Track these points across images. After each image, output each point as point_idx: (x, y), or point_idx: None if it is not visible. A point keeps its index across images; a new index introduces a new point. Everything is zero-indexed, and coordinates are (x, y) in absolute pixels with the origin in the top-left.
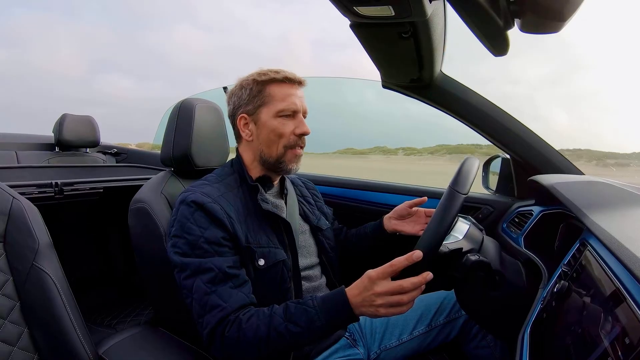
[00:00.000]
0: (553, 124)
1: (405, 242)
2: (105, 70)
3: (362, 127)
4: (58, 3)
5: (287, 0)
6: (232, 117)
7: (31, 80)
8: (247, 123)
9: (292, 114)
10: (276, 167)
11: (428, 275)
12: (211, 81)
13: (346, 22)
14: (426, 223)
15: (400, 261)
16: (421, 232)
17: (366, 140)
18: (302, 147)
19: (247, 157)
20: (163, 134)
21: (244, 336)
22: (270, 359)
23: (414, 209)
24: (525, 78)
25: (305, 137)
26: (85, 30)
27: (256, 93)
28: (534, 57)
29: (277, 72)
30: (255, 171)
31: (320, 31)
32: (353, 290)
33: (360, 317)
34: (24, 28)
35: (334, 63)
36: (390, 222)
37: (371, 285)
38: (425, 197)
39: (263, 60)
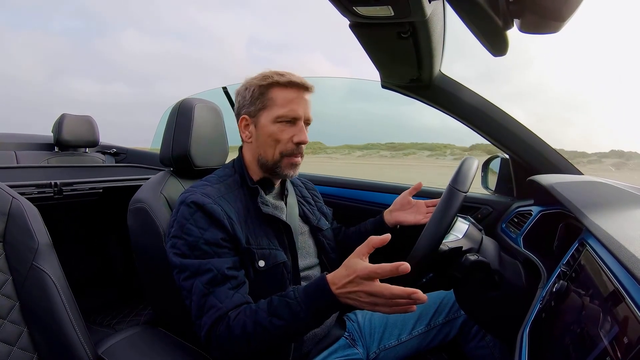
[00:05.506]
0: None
1: (406, 237)
2: (67, 75)
3: None
4: (15, 13)
5: (243, 7)
6: (237, 117)
7: None
8: (247, 124)
9: (292, 121)
10: (272, 172)
11: (414, 292)
12: (166, 81)
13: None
14: (427, 213)
15: (384, 269)
16: (423, 221)
17: None
18: (300, 156)
19: (248, 158)
20: (161, 138)
21: (232, 334)
22: (266, 352)
23: (414, 200)
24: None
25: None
26: (44, 38)
27: (258, 95)
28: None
29: (281, 75)
30: (255, 173)
31: (270, 35)
32: (337, 280)
33: (360, 317)
34: None
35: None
36: (391, 214)
37: (358, 282)
38: (421, 182)
39: (214, 62)
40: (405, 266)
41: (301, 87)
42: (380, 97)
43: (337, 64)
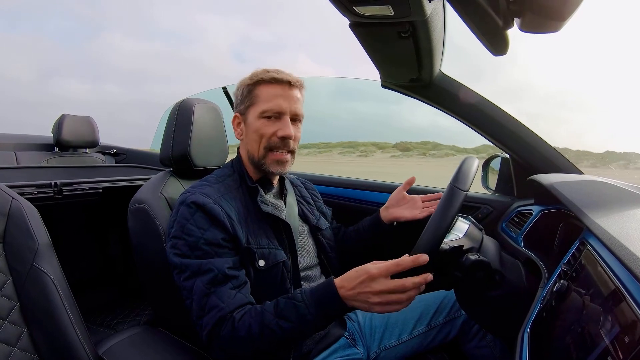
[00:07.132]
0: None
1: (403, 234)
2: (58, 75)
3: None
4: (10, 15)
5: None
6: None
7: None
8: (239, 122)
9: (277, 116)
10: (260, 168)
11: (428, 276)
12: (156, 81)
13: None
14: (423, 208)
15: (406, 262)
16: (420, 216)
17: None
18: (287, 152)
19: (244, 156)
20: (161, 139)
21: (237, 335)
22: (270, 353)
23: (409, 196)
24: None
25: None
26: (37, 39)
27: (247, 93)
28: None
29: (267, 72)
30: (252, 170)
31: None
32: (345, 283)
33: (360, 317)
34: None
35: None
36: (387, 211)
37: (370, 283)
38: (414, 177)
39: (203, 62)
40: (424, 257)
41: (286, 83)
42: (377, 97)
43: (323, 65)
